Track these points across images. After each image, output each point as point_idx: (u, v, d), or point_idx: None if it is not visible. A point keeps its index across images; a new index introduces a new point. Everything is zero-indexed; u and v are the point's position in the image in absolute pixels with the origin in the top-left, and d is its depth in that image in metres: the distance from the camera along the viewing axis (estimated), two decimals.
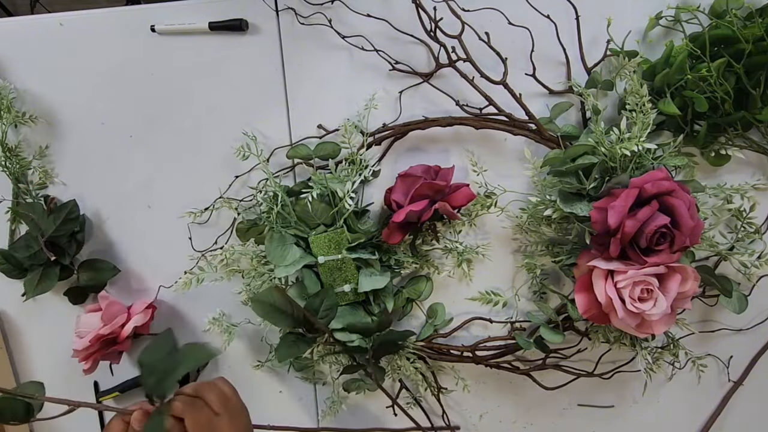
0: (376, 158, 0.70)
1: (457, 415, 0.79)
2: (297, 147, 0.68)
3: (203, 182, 0.73)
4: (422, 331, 0.73)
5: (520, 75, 0.64)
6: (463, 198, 0.64)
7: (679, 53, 0.59)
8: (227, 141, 0.70)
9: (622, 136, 0.58)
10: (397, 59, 0.66)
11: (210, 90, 0.71)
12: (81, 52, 0.71)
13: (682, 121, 0.62)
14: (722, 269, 0.69)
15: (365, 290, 0.66)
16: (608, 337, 0.67)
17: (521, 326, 0.72)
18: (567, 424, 0.78)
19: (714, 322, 0.72)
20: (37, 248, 0.72)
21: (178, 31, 0.69)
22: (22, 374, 0.83)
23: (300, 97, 0.70)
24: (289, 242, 0.66)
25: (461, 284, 0.73)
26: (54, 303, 0.79)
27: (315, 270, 0.68)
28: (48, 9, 1.80)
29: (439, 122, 0.66)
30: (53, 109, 0.73)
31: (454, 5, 0.60)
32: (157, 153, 0.74)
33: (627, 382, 0.74)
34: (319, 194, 0.65)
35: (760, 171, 0.67)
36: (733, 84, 0.58)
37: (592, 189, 0.60)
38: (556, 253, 0.67)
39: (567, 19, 0.63)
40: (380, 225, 0.69)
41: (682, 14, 0.61)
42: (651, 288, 0.56)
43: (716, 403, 0.76)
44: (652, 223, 0.55)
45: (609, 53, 0.63)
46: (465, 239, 0.71)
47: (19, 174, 0.74)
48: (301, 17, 0.67)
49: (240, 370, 0.80)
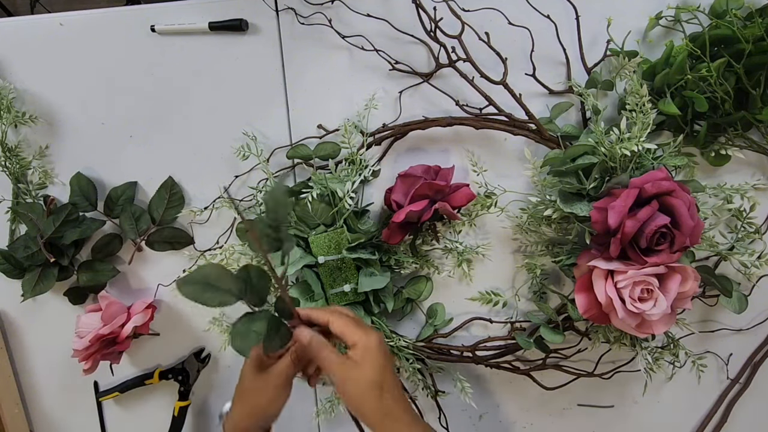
0: (376, 158, 0.70)
1: (457, 415, 0.79)
2: (297, 147, 0.68)
3: (203, 182, 0.73)
4: (422, 331, 0.73)
5: (520, 75, 0.64)
6: (463, 198, 0.64)
7: (679, 53, 0.59)
8: (227, 141, 0.70)
9: (622, 136, 0.58)
10: (397, 59, 0.66)
11: (210, 90, 0.71)
12: (81, 52, 0.71)
13: (682, 121, 0.62)
14: (722, 269, 0.69)
15: (365, 290, 0.66)
16: (608, 337, 0.67)
17: (521, 326, 0.72)
18: (567, 424, 0.78)
19: (714, 322, 0.72)
20: (35, 249, 0.72)
21: (178, 31, 0.69)
22: (22, 374, 0.83)
23: (300, 97, 0.70)
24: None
25: (461, 284, 0.73)
26: (54, 303, 0.79)
27: (315, 270, 0.68)
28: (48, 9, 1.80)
29: (439, 122, 0.66)
30: (53, 109, 0.73)
31: (454, 5, 0.60)
32: (157, 153, 0.74)
33: (627, 382, 0.74)
34: (319, 194, 0.65)
35: (760, 171, 0.67)
36: (733, 84, 0.58)
37: (592, 189, 0.60)
38: (556, 253, 0.67)
39: (567, 19, 0.63)
40: (380, 225, 0.69)
41: (682, 14, 0.61)
42: (651, 288, 0.56)
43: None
44: (652, 223, 0.55)
45: (609, 53, 0.63)
46: (465, 239, 0.71)
47: (19, 174, 0.74)
48: (301, 17, 0.67)
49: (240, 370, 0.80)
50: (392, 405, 0.50)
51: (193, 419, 0.83)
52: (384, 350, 0.51)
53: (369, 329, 0.52)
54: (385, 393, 0.50)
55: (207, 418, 0.83)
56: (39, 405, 0.85)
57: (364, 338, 0.50)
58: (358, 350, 0.50)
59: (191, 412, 0.81)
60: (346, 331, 0.51)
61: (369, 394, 0.49)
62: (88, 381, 0.81)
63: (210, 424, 0.84)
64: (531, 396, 0.76)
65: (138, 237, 0.73)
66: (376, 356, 0.50)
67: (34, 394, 0.84)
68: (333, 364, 0.50)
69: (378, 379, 0.49)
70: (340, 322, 0.51)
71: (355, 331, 0.50)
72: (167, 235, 0.74)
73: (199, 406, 0.82)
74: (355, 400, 0.50)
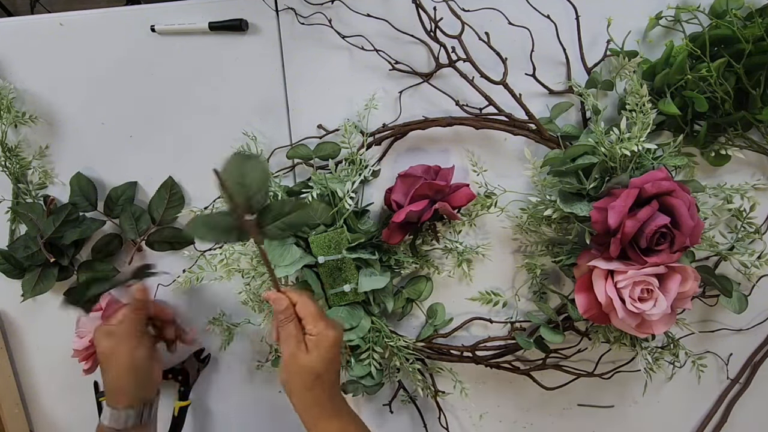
0: (376, 158, 0.70)
1: (457, 415, 0.79)
2: (297, 147, 0.68)
3: (203, 182, 0.73)
4: (422, 332, 0.73)
5: (520, 75, 0.64)
6: (463, 198, 0.64)
7: (679, 53, 0.59)
8: (227, 141, 0.70)
9: (622, 136, 0.58)
10: (397, 59, 0.66)
11: (210, 90, 0.71)
12: (81, 52, 0.71)
13: (682, 121, 0.62)
14: (722, 269, 0.69)
15: (365, 290, 0.66)
16: (608, 337, 0.67)
17: (521, 326, 0.72)
18: (567, 424, 0.78)
19: (714, 322, 0.72)
20: (35, 249, 0.72)
21: (178, 31, 0.69)
22: (22, 374, 0.83)
23: (300, 97, 0.70)
24: (288, 242, 0.66)
25: (461, 284, 0.73)
26: (54, 303, 0.79)
27: (315, 270, 0.68)
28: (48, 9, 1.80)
29: (439, 122, 0.66)
30: (53, 109, 0.73)
31: (454, 5, 0.60)
32: (157, 153, 0.74)
33: (627, 382, 0.74)
34: (319, 194, 0.65)
35: (760, 171, 0.67)
36: (733, 84, 0.58)
37: (592, 189, 0.60)
38: (556, 253, 0.67)
39: (567, 19, 0.63)
40: (380, 225, 0.69)
41: (682, 14, 0.61)
42: (651, 288, 0.56)
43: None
44: (652, 223, 0.55)
45: (609, 53, 0.63)
46: (465, 239, 0.71)
47: (19, 174, 0.74)
48: (301, 17, 0.67)
49: (240, 370, 0.80)
50: (324, 399, 0.54)
51: (193, 419, 0.83)
52: (337, 348, 0.55)
53: (332, 323, 0.55)
54: (320, 384, 0.54)
55: (207, 418, 0.83)
56: (39, 405, 0.85)
57: (324, 331, 0.54)
58: (314, 339, 0.53)
59: (191, 412, 0.81)
60: (309, 318, 0.54)
61: (305, 378, 0.53)
62: (88, 381, 0.81)
63: (210, 424, 0.84)
64: (531, 396, 0.76)
65: (138, 237, 0.73)
66: (327, 349, 0.53)
67: (34, 394, 0.84)
68: (290, 338, 0.54)
69: (319, 370, 0.53)
70: (307, 306, 0.55)
71: (318, 321, 0.54)
72: (167, 235, 0.74)
73: (199, 406, 0.82)
74: (290, 379, 0.54)
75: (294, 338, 0.54)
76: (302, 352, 0.53)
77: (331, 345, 0.54)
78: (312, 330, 0.54)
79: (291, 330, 0.54)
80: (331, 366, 0.55)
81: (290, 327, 0.54)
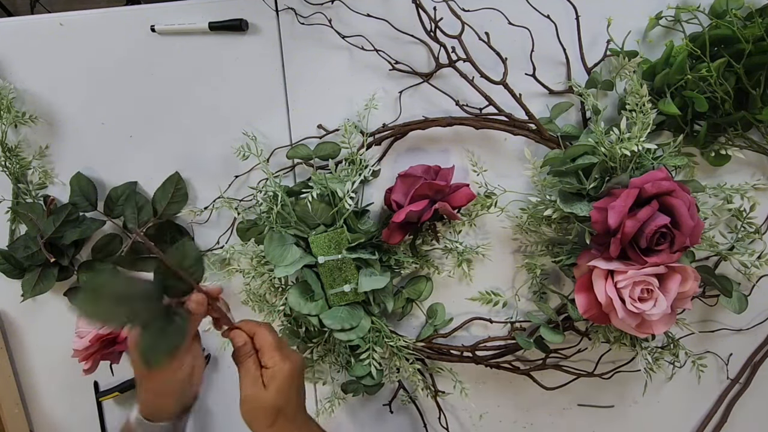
0: (376, 158, 0.70)
1: (457, 415, 0.79)
2: (297, 147, 0.68)
3: (203, 182, 0.73)
4: (422, 332, 0.73)
5: (520, 75, 0.64)
6: (463, 198, 0.64)
7: (679, 53, 0.59)
8: (227, 141, 0.70)
9: (622, 136, 0.58)
10: (397, 59, 0.66)
11: (210, 90, 0.71)
12: (81, 52, 0.71)
13: (682, 121, 0.62)
14: (722, 269, 0.69)
15: (365, 290, 0.66)
16: (608, 337, 0.67)
17: (521, 326, 0.72)
18: (567, 424, 0.78)
19: (714, 322, 0.72)
20: (35, 249, 0.72)
21: (178, 31, 0.69)
22: (22, 374, 0.83)
23: (300, 97, 0.70)
24: (288, 242, 0.66)
25: (461, 284, 0.73)
26: (54, 303, 0.79)
27: (315, 270, 0.68)
28: (48, 9, 1.80)
29: (439, 122, 0.66)
30: (53, 109, 0.73)
31: (454, 5, 0.60)
32: (157, 153, 0.74)
33: (627, 382, 0.74)
34: (319, 194, 0.65)
35: (760, 171, 0.67)
36: (733, 84, 0.58)
37: (592, 189, 0.60)
38: (556, 253, 0.67)
39: (567, 19, 0.63)
40: (380, 225, 0.69)
41: (682, 14, 0.61)
42: (651, 288, 0.56)
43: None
44: (652, 223, 0.55)
45: (609, 53, 0.63)
46: (465, 239, 0.71)
47: (19, 174, 0.74)
48: (301, 17, 0.67)
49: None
50: (290, 429, 0.53)
51: (193, 419, 0.82)
52: (294, 379, 0.54)
53: (289, 355, 0.54)
54: (283, 417, 0.52)
55: (207, 418, 0.83)
56: (39, 405, 0.85)
57: (279, 363, 0.52)
58: (269, 372, 0.52)
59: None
60: (266, 350, 0.53)
61: (264, 414, 0.52)
62: (88, 381, 0.82)
63: (210, 424, 0.84)
64: (531, 396, 0.76)
65: (138, 227, 0.73)
66: (283, 383, 0.52)
67: (34, 394, 0.84)
68: (247, 375, 0.53)
69: (279, 404, 0.52)
70: (264, 339, 0.54)
71: (273, 354, 0.53)
72: (166, 229, 0.74)
73: (199, 406, 0.82)
74: (248, 415, 0.53)
75: (251, 376, 0.53)
76: (259, 388, 0.52)
77: (286, 377, 0.52)
78: (268, 362, 0.53)
79: (249, 367, 0.53)
80: (292, 397, 0.53)
81: (248, 363, 0.53)
